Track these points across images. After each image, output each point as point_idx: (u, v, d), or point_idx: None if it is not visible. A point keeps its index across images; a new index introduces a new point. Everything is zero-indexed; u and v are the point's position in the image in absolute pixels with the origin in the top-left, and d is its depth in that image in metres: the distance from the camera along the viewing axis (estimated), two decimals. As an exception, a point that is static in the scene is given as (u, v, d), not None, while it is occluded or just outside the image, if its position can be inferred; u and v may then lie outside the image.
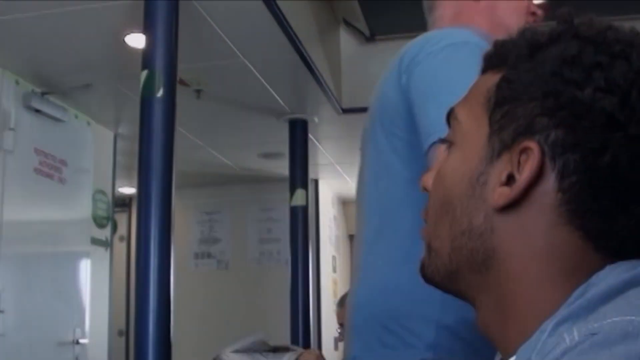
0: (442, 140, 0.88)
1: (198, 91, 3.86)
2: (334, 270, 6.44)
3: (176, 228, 2.41)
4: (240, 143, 4.99)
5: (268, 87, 3.83)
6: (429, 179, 0.89)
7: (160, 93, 2.62)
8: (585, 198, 0.74)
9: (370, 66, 4.08)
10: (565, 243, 0.76)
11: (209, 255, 6.11)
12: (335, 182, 6.13)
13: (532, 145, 0.75)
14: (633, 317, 0.60)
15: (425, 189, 0.90)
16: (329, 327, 5.55)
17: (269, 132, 4.60)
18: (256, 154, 5.20)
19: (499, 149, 0.78)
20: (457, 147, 0.84)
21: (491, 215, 0.78)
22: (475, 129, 0.82)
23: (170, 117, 2.61)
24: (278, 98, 3.99)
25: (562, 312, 0.70)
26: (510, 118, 0.78)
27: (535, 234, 0.76)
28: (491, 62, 0.86)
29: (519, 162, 0.76)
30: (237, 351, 2.67)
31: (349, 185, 6.17)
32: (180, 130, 3.95)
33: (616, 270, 0.71)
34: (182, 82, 3.58)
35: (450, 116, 0.87)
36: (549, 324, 0.69)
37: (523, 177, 0.75)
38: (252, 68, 3.59)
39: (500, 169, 0.78)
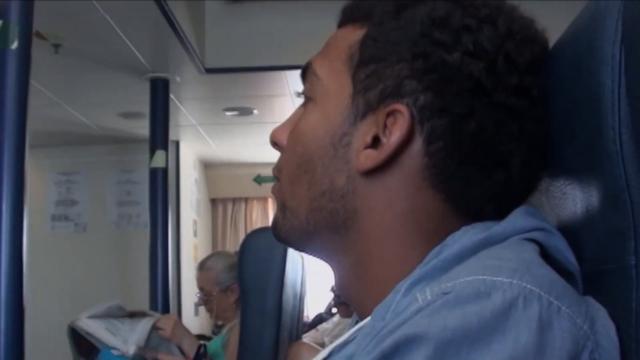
0: (299, 94, 0.85)
1: (56, 46, 3.68)
2: (195, 235, 6.36)
3: (31, 189, 2.29)
4: (100, 102, 4.80)
5: (129, 44, 3.69)
6: (280, 134, 0.86)
7: (14, 45, 2.48)
8: (450, 163, 0.74)
9: (234, 26, 4.00)
10: (426, 205, 0.75)
11: (66, 218, 5.91)
12: (197, 145, 6.03)
13: (401, 108, 0.73)
14: (485, 277, 0.60)
15: (275, 144, 0.86)
16: (189, 292, 5.49)
17: (129, 91, 4.45)
18: (116, 114, 5.04)
19: (363, 110, 0.76)
20: (317, 104, 0.80)
21: (354, 176, 0.77)
22: (336, 87, 0.79)
23: (25, 71, 2.46)
24: (139, 55, 3.86)
25: (417, 272, 0.69)
26: (376, 78, 0.76)
27: (398, 196, 0.76)
28: (352, 14, 0.83)
29: (385, 125, 0.75)
30: (93, 317, 2.60)
31: (212, 148, 6.10)
32: (36, 86, 3.78)
33: (471, 231, 0.72)
34: (39, 36, 3.42)
35: (306, 70, 0.83)
36: (403, 284, 0.69)
37: (391, 140, 0.74)
38: (113, 23, 3.45)
39: (365, 131, 0.76)
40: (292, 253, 2.55)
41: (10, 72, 2.47)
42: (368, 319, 0.72)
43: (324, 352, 0.74)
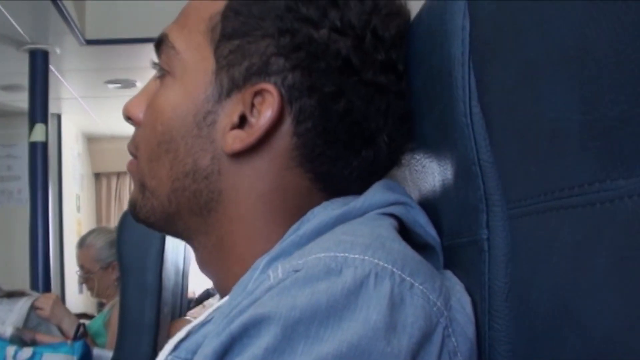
0: (154, 65, 0.80)
1: None
2: (78, 210, 6.23)
3: None
4: (-23, 74, 4.64)
5: (6, 13, 3.57)
6: (134, 108, 0.82)
7: None
8: (319, 143, 0.73)
9: (116, -3, 3.92)
10: (293, 185, 0.74)
11: (-57, 195, 5.70)
12: (79, 118, 5.89)
13: (270, 88, 0.71)
14: (337, 254, 0.58)
15: (129, 118, 0.82)
16: (73, 270, 5.37)
17: (8, 63, 4.30)
18: (-5, 86, 4.88)
19: (228, 88, 0.74)
20: (176, 79, 0.77)
21: (219, 157, 0.75)
22: (197, 61, 0.76)
23: None
24: (17, 26, 3.73)
25: (276, 249, 0.68)
26: (240, 55, 0.73)
27: (265, 176, 0.74)
28: None
29: (252, 104, 0.73)
30: (-32, 298, 2.52)
31: (95, 121, 5.97)
32: None
33: (330, 206, 0.71)
34: None
35: (162, 42, 0.79)
36: (261, 261, 0.67)
37: (261, 122, 0.72)
38: (-11, -8, 3.34)
39: (231, 110, 0.74)
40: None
41: None
42: (226, 298, 0.71)
43: (182, 333, 0.73)
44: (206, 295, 5.80)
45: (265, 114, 0.72)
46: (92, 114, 5.76)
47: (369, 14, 0.74)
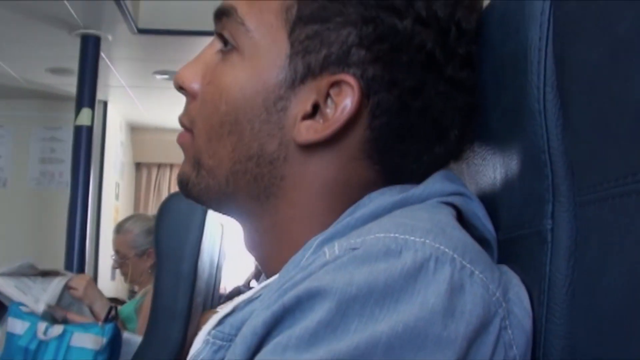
0: (218, 35, 0.76)
1: (-16, -6, 3.58)
2: (117, 198, 6.27)
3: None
4: (28, 55, 4.67)
5: (61, -4, 3.60)
6: (190, 78, 0.78)
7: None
8: (393, 137, 0.71)
9: (171, -12, 3.93)
10: (358, 176, 0.72)
11: (-14, 172, 5.77)
12: (125, 106, 5.93)
13: (350, 80, 0.69)
14: (397, 235, 0.57)
15: (182, 88, 0.78)
16: (107, 256, 5.40)
17: (60, 46, 4.34)
18: (45, 69, 4.91)
19: (302, 74, 0.71)
20: (245, 58, 0.73)
21: (287, 144, 0.72)
22: (269, 43, 0.72)
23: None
24: (71, 10, 3.76)
25: (330, 230, 0.66)
26: (319, 41, 0.70)
27: (332, 166, 0.72)
28: None
29: (327, 94, 0.70)
30: (3, 275, 2.54)
31: (140, 111, 6.01)
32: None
33: (388, 192, 0.69)
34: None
35: (226, 14, 0.75)
36: (314, 241, 0.65)
37: (338, 114, 0.69)
38: (45, -26, 3.37)
39: (304, 98, 0.71)
40: (211, 221, 2.51)
41: None
42: (275, 276, 0.69)
43: (228, 308, 0.71)
44: (237, 292, 5.80)
45: (342, 107, 0.70)
46: (138, 103, 5.79)
47: (453, 5, 0.71)
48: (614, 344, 0.49)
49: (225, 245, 2.95)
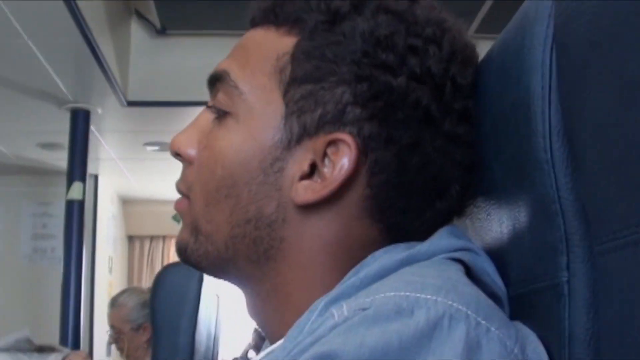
0: (210, 108, 0.76)
1: (-27, 69, 3.59)
2: (110, 272, 6.22)
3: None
4: (18, 130, 4.67)
5: (51, 72, 3.61)
6: (186, 144, 0.77)
7: None
8: (393, 194, 0.69)
9: (160, 60, 3.96)
10: (360, 235, 0.71)
11: (-23, 251, 5.73)
12: (116, 179, 5.92)
13: (346, 138, 0.68)
14: (408, 293, 0.55)
15: (178, 154, 0.77)
16: (102, 332, 5.35)
17: (49, 120, 4.34)
18: (35, 144, 4.91)
19: (298, 135, 0.70)
20: (240, 121, 0.73)
21: (286, 205, 0.71)
22: (263, 105, 0.72)
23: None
24: (61, 85, 3.77)
25: (334, 291, 0.64)
26: (314, 101, 0.69)
27: (332, 226, 0.70)
28: (275, 16, 0.74)
29: (325, 154, 0.69)
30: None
31: (131, 183, 6.00)
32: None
33: (393, 250, 0.67)
34: (-45, 57, 3.32)
35: (220, 79, 0.75)
36: (319, 303, 0.63)
37: (336, 174, 0.68)
38: (36, 50, 3.38)
39: (301, 158, 0.70)
40: (206, 292, 2.49)
41: None
42: (279, 342, 0.67)
43: None
44: (235, 363, 5.74)
45: (340, 165, 0.69)
46: (129, 175, 5.79)
47: (447, 61, 0.70)
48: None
49: (222, 316, 2.92)
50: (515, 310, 0.66)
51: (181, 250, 0.78)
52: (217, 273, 0.78)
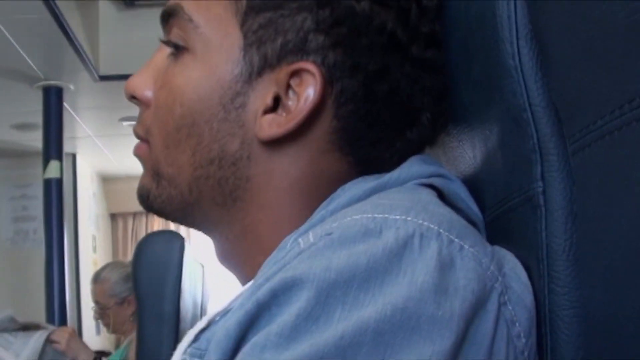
0: (166, 43, 0.72)
1: (-61, 52, 3.54)
2: (95, 251, 6.20)
3: None
4: (-9, 112, 4.64)
5: (20, 50, 3.56)
6: (142, 86, 0.73)
7: None
8: (361, 125, 0.67)
9: (130, 32, 3.91)
10: (329, 170, 0.68)
11: (-43, 237, 5.69)
12: (94, 157, 5.88)
13: (311, 68, 0.65)
14: (375, 215, 0.52)
15: (134, 97, 0.74)
16: (90, 310, 5.35)
17: (22, 100, 4.31)
18: (8, 125, 4.87)
19: (259, 67, 0.67)
20: (197, 57, 0.69)
21: (250, 141, 0.68)
22: (220, 37, 0.68)
23: None
24: (31, 62, 3.73)
25: (304, 226, 0.62)
26: (273, 30, 0.66)
27: (300, 161, 0.68)
28: None
29: (288, 85, 0.66)
30: (-17, 331, 2.49)
31: (110, 161, 5.96)
32: None
33: (362, 182, 0.65)
34: None
35: (173, 14, 0.71)
36: (289, 239, 0.60)
37: (301, 105, 0.66)
38: (2, 28, 3.33)
39: (263, 91, 0.67)
40: (189, 260, 2.47)
41: None
42: (250, 283, 0.65)
43: (202, 322, 0.66)
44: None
45: (305, 97, 0.66)
46: (107, 152, 5.75)
47: None
48: (631, 297, 0.44)
49: (208, 286, 2.90)
50: (491, 235, 0.64)
51: (143, 197, 0.75)
52: (182, 219, 0.75)
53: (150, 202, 0.74)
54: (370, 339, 0.48)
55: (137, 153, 0.76)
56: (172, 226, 6.23)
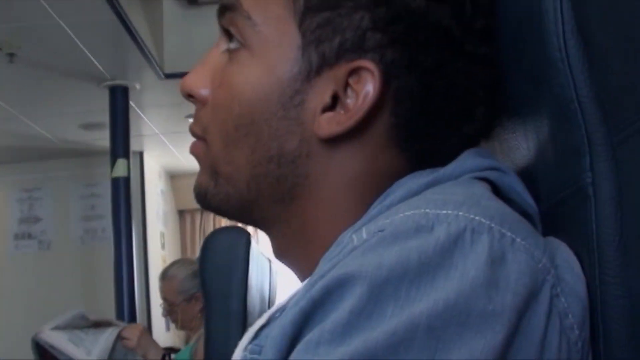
0: (225, 31, 0.73)
1: (11, 55, 3.61)
2: (163, 247, 6.27)
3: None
4: (60, 113, 4.74)
5: (86, 51, 3.63)
6: (198, 84, 0.74)
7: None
8: (419, 121, 0.67)
9: (193, 30, 3.95)
10: (387, 166, 0.69)
11: (30, 236, 5.81)
12: (162, 155, 5.97)
13: (369, 66, 0.65)
14: (428, 210, 0.53)
15: (191, 95, 0.74)
16: (159, 308, 5.43)
17: (89, 100, 4.40)
18: (77, 125, 4.97)
19: (318, 65, 0.67)
20: (254, 55, 0.70)
21: (309, 139, 0.68)
22: (279, 36, 0.69)
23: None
24: (97, 63, 3.80)
25: (360, 222, 0.63)
26: (331, 29, 0.66)
27: (358, 158, 0.68)
28: None
29: (347, 83, 0.66)
30: (56, 328, 2.53)
31: (176, 158, 6.03)
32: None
33: (417, 176, 0.65)
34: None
35: (231, 9, 0.71)
36: (345, 235, 0.61)
37: (361, 103, 0.66)
38: (69, 30, 3.38)
39: (322, 89, 0.67)
40: (256, 255, 2.47)
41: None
42: (307, 279, 0.64)
43: (262, 319, 0.67)
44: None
45: (364, 94, 0.66)
46: (174, 149, 5.82)
47: None
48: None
49: (276, 281, 2.91)
50: (545, 226, 0.65)
51: (200, 196, 0.75)
52: (240, 216, 0.76)
53: (207, 201, 0.75)
54: (422, 335, 0.48)
55: (194, 151, 0.76)
56: (239, 222, 6.26)
